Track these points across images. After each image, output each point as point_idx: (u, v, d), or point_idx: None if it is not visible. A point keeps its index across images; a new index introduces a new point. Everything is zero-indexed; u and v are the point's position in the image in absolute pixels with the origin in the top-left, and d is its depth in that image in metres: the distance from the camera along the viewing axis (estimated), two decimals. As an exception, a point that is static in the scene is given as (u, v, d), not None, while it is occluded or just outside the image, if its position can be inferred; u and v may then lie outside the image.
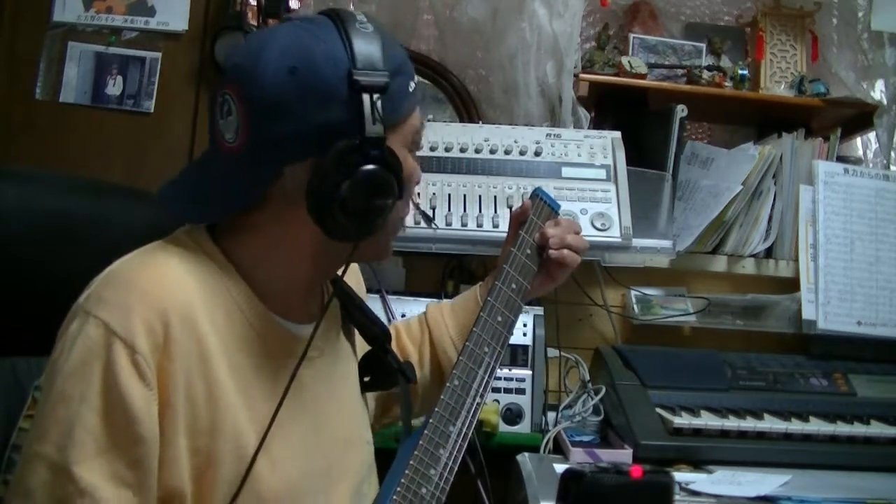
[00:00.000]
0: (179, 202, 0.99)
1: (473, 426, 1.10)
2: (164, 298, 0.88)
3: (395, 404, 1.25)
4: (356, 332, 1.17)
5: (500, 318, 1.17)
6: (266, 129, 0.91)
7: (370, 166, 0.91)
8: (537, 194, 1.28)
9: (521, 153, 1.78)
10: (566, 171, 1.78)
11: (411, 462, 1.03)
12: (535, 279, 1.24)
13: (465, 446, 1.08)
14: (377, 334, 1.14)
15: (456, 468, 1.06)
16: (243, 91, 0.92)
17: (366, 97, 0.90)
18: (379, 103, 0.91)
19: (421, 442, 1.05)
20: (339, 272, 1.07)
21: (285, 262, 0.98)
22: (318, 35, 0.93)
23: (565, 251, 1.23)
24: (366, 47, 0.92)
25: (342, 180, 0.90)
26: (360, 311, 1.15)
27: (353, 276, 1.21)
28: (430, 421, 1.07)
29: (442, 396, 1.09)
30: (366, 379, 1.15)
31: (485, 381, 1.13)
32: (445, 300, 1.37)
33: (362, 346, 1.18)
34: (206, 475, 0.89)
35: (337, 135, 0.90)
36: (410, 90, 0.99)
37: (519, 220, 1.26)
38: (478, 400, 1.11)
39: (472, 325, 1.15)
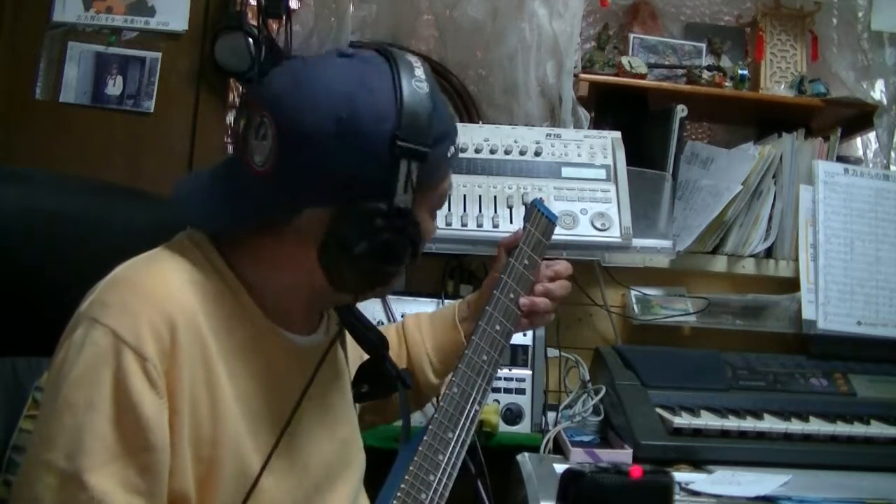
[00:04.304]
0: (193, 205, 0.98)
1: (472, 432, 1.11)
2: (170, 304, 0.87)
3: (386, 404, 1.25)
4: (349, 340, 1.17)
5: (497, 327, 1.17)
6: (297, 166, 0.90)
7: (390, 235, 0.90)
8: (535, 206, 1.27)
9: (521, 153, 1.78)
10: (566, 171, 1.77)
11: (411, 468, 1.04)
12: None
13: (464, 452, 1.09)
14: (374, 342, 1.14)
15: (455, 474, 1.07)
16: (284, 122, 0.90)
17: (403, 164, 0.89)
18: (416, 171, 0.90)
19: (420, 448, 1.05)
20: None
21: (286, 283, 0.97)
22: (370, 85, 0.90)
23: (538, 299, 1.23)
24: (416, 111, 0.90)
25: (359, 240, 0.90)
26: (356, 320, 1.15)
27: None
28: (430, 427, 1.07)
29: (441, 403, 1.10)
30: (363, 389, 1.14)
31: (483, 388, 1.14)
32: (422, 313, 1.36)
33: (354, 355, 1.18)
34: (209, 483, 0.89)
35: (365, 191, 0.89)
36: (449, 155, 0.97)
37: (509, 247, 1.25)
38: (476, 407, 1.12)
39: (471, 333, 1.17)
